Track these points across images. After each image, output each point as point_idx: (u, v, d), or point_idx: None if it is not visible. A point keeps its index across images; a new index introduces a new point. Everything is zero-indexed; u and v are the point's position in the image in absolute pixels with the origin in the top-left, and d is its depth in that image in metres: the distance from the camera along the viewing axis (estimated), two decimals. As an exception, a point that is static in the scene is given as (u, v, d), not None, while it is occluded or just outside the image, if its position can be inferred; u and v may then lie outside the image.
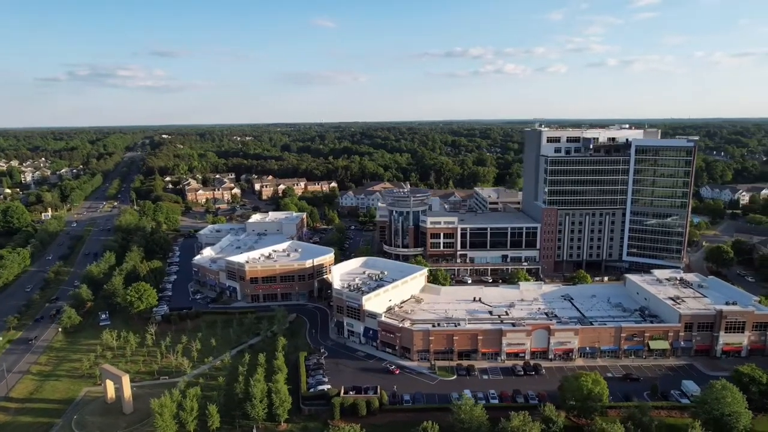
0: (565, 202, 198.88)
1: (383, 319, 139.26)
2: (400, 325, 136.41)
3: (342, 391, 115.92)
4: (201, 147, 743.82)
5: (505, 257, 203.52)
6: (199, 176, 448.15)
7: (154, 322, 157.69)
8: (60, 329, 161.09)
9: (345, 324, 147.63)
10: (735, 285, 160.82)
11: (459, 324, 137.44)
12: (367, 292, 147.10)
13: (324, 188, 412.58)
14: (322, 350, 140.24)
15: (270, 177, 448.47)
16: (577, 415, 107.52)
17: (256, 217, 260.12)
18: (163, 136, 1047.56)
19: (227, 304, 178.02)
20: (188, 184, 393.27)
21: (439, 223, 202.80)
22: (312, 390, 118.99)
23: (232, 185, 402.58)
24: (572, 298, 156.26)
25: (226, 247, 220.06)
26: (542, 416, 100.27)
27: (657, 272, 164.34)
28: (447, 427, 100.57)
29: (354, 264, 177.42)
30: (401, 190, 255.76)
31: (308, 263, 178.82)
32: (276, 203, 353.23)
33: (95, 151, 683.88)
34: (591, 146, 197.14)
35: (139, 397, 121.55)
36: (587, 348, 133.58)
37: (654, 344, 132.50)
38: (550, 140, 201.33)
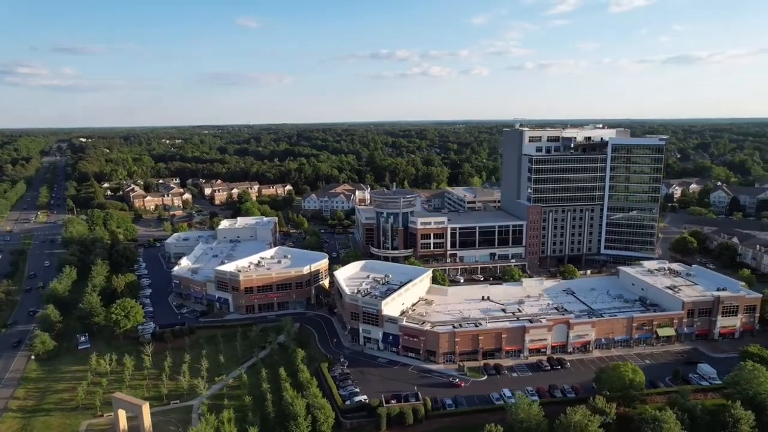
0: (548, 200, 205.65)
1: (405, 323, 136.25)
2: (425, 328, 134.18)
3: (383, 401, 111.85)
4: (130, 150, 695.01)
5: (493, 255, 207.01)
6: (141, 182, 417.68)
7: (146, 342, 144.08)
8: (33, 357, 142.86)
9: (361, 331, 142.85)
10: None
11: (480, 324, 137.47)
12: (383, 297, 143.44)
13: (279, 191, 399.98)
14: (342, 359, 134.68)
15: (219, 181, 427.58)
16: (616, 405, 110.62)
17: (224, 224, 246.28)
18: (81, 139, 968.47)
19: (220, 317, 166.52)
20: (132, 191, 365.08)
21: (430, 223, 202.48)
22: (348, 402, 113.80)
23: (182, 190, 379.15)
24: (574, 292, 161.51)
25: (200, 256, 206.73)
26: (594, 408, 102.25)
27: (646, 263, 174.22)
28: (505, 429, 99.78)
29: (354, 268, 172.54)
30: (385, 191, 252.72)
31: (305, 270, 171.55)
32: (232, 208, 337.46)
33: (8, 156, 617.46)
34: (572, 145, 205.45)
35: (153, 426, 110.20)
36: (602, 339, 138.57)
37: (662, 331, 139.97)
38: (531, 140, 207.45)
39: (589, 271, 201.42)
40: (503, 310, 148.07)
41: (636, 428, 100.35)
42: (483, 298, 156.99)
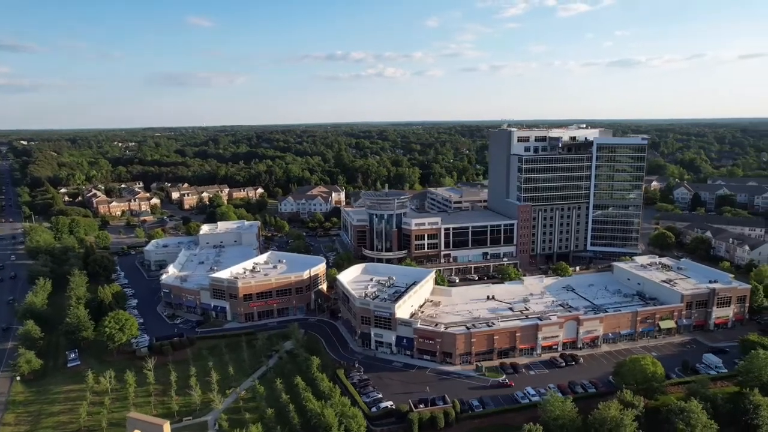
0: (537, 199, 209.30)
1: (420, 325, 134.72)
2: (441, 330, 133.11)
3: (412, 406, 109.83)
4: (81, 154, 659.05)
5: (485, 254, 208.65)
6: (101, 186, 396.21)
7: (146, 356, 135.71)
8: (17, 378, 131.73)
9: (372, 335, 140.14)
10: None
11: (493, 323, 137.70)
12: (393, 300, 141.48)
13: (251, 194, 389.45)
14: (356, 365, 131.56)
15: (185, 185, 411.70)
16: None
17: (205, 228, 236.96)
18: (23, 142, 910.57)
19: (218, 326, 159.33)
20: (94, 196, 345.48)
21: (424, 224, 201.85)
22: (374, 409, 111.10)
23: (148, 195, 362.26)
24: (574, 289, 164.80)
25: (186, 263, 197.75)
26: (623, 402, 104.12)
27: (638, 259, 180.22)
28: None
29: (355, 271, 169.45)
30: (376, 193, 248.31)
31: (305, 274, 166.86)
32: (204, 212, 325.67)
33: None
34: (559, 145, 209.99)
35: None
36: (609, 334, 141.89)
37: (663, 324, 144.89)
38: (520, 140, 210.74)
39: (578, 268, 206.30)
40: (510, 309, 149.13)
41: (664, 419, 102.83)
42: (488, 298, 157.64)
